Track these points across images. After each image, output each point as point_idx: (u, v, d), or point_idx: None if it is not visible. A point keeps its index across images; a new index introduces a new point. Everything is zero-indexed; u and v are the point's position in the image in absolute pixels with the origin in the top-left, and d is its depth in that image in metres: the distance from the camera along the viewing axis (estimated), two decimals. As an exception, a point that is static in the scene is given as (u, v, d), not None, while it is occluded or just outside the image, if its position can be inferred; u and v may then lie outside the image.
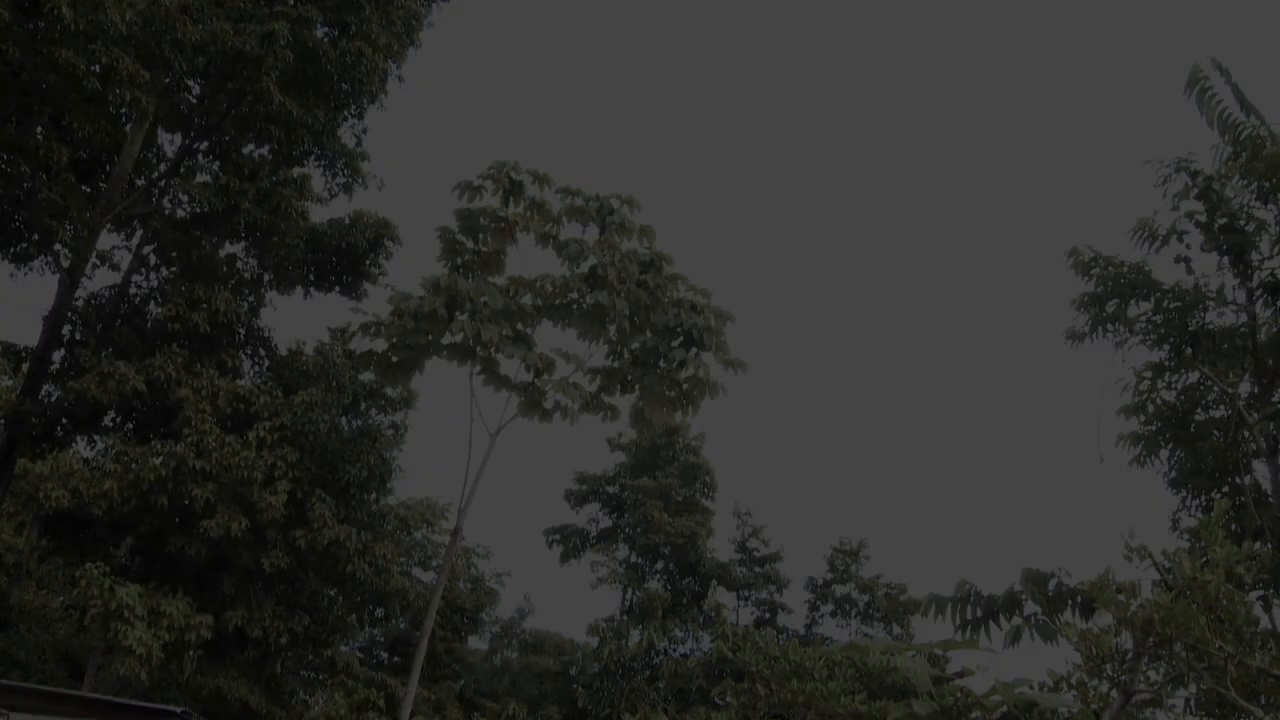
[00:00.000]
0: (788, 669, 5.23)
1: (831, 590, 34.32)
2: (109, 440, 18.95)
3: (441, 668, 32.00)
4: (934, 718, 5.37)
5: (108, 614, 15.65)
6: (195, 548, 17.83)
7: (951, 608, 8.24)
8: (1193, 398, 11.91)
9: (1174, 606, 4.01)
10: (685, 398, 17.92)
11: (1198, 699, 5.16)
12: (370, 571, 18.95)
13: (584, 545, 35.03)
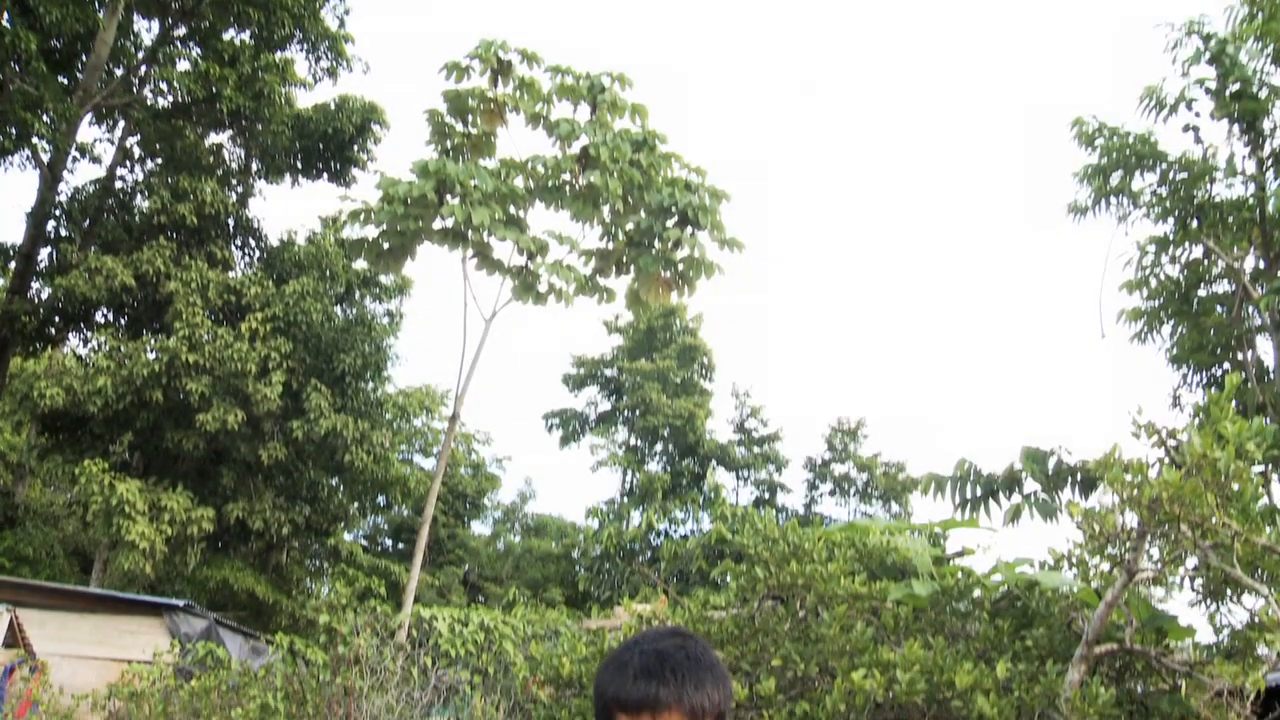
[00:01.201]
0: (786, 551, 5.13)
1: (830, 469, 34.60)
2: (101, 337, 18.79)
3: (445, 553, 32.42)
4: (935, 598, 5.29)
5: (109, 510, 15.73)
6: (193, 442, 17.82)
7: (950, 486, 8.18)
8: (1196, 273, 11.71)
9: (1183, 484, 3.89)
10: (681, 278, 17.67)
11: (1201, 577, 5.09)
12: (369, 460, 18.98)
13: (583, 429, 35.21)
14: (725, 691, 1.80)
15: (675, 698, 1.73)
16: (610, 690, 1.79)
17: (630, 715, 1.74)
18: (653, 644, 1.82)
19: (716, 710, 1.77)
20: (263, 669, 7.62)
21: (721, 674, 1.81)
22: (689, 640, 1.85)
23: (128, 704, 7.17)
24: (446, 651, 7.48)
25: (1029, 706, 4.28)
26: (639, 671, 1.76)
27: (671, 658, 1.77)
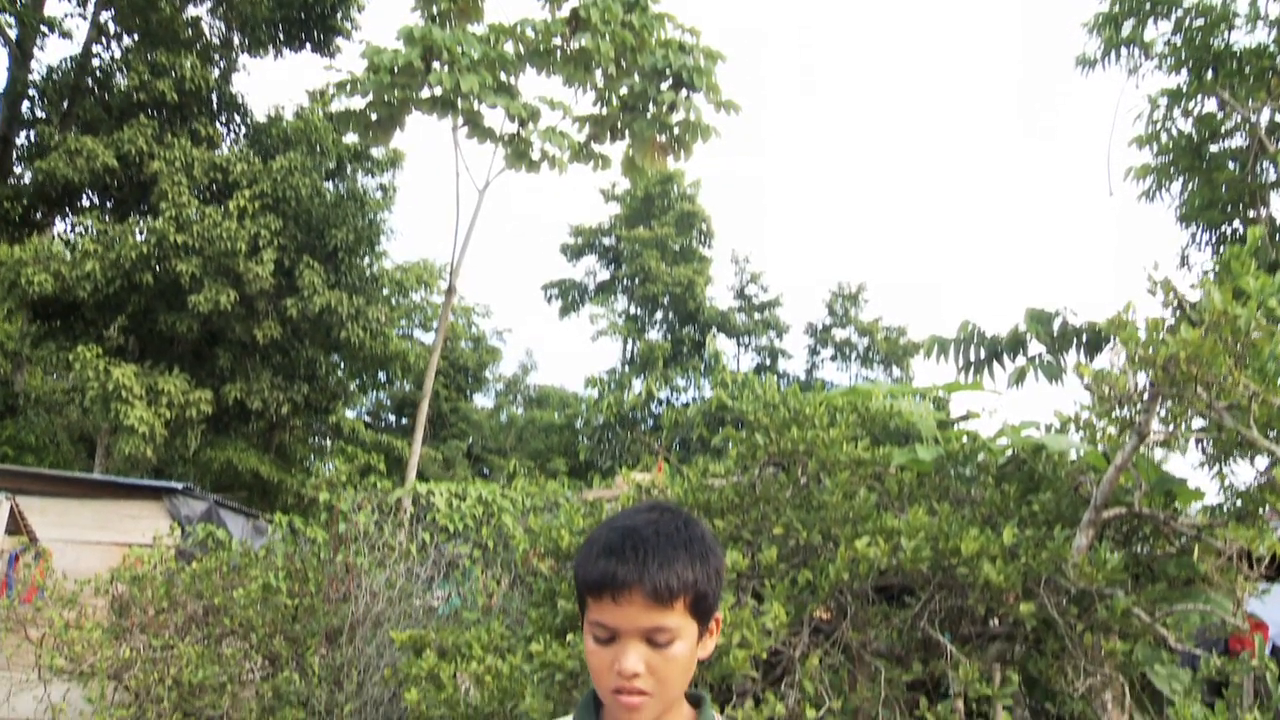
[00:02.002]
0: (787, 416, 4.98)
1: (831, 334, 34.59)
2: (87, 220, 18.45)
3: (448, 427, 32.65)
4: (939, 463, 5.18)
5: (106, 395, 15.67)
6: (186, 324, 17.65)
7: (953, 349, 8.02)
8: (1210, 126, 11.29)
9: (1202, 343, 3.71)
10: (677, 142, 17.25)
11: (1211, 439, 4.97)
12: (366, 336, 18.85)
13: (582, 298, 35.11)
14: (707, 569, 1.60)
15: (635, 576, 1.54)
16: (579, 571, 1.61)
17: (594, 597, 1.57)
18: (625, 520, 1.63)
19: (693, 589, 1.56)
20: (263, 549, 7.60)
21: (703, 550, 1.60)
22: (666, 514, 1.64)
23: (130, 588, 7.17)
24: (445, 526, 7.44)
25: (1035, 572, 4.20)
26: (602, 550, 1.58)
27: (638, 534, 1.58)
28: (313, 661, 6.39)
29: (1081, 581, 4.17)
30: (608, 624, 1.56)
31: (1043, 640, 4.46)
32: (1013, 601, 4.26)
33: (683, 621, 1.57)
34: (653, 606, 1.53)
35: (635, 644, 1.55)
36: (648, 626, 1.54)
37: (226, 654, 6.74)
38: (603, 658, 1.57)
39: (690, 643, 1.60)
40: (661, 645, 1.56)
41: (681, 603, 1.56)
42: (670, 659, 1.56)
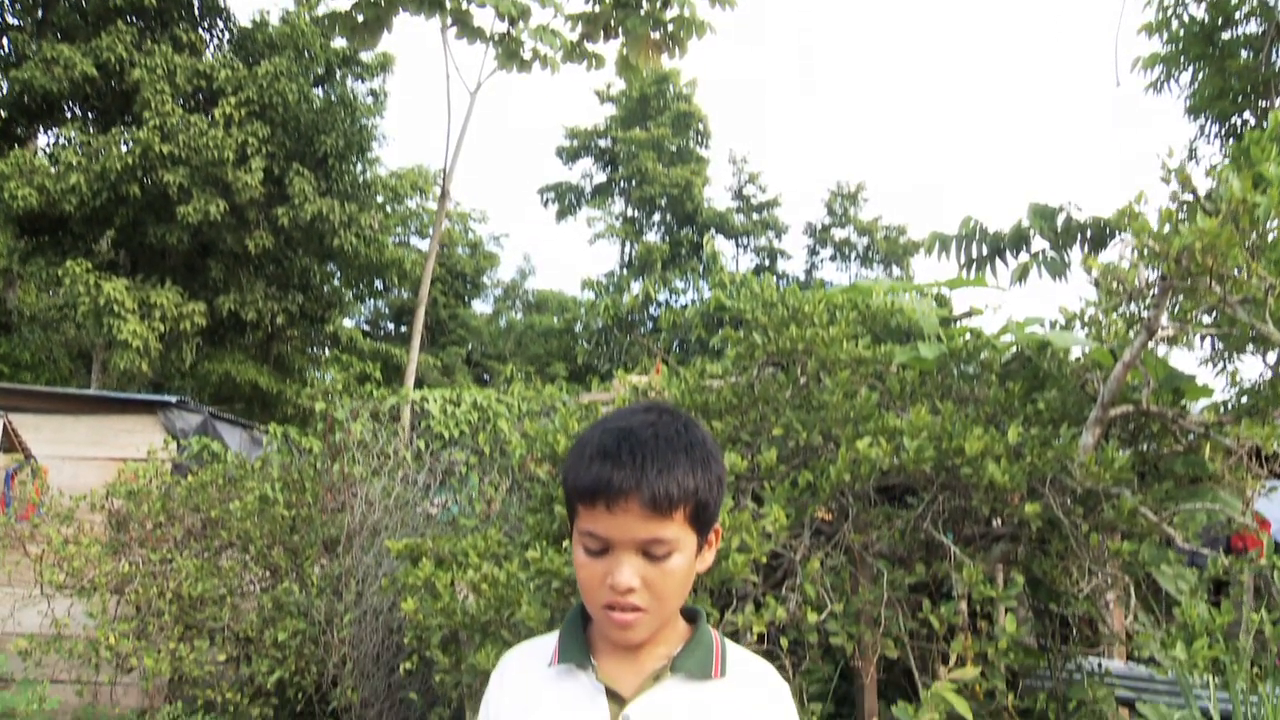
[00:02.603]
0: (785, 315, 4.84)
1: (830, 234, 34.32)
2: (69, 132, 18.05)
3: (447, 334, 32.55)
4: (942, 361, 5.06)
5: (98, 310, 15.48)
6: (176, 236, 17.39)
7: (955, 245, 7.85)
8: (1223, 11, 10.88)
9: (1219, 233, 3.55)
10: (671, 39, 16.71)
11: (1223, 335, 4.85)
12: (359, 243, 18.60)
13: (579, 201, 34.74)
14: (709, 476, 1.46)
15: (632, 483, 1.39)
16: (569, 477, 1.47)
17: (587, 504, 1.43)
18: (620, 421, 1.48)
19: (693, 498, 1.43)
20: (259, 460, 7.53)
21: (705, 456, 1.46)
22: (665, 415, 1.49)
23: (126, 503, 7.12)
24: (440, 433, 7.35)
25: (1040, 472, 4.11)
26: (596, 453, 1.43)
27: (635, 436, 1.43)
28: (311, 572, 6.37)
29: (1088, 481, 4.08)
30: (600, 534, 1.43)
31: (1047, 541, 4.39)
32: (1017, 502, 4.18)
33: (681, 533, 1.45)
34: (650, 516, 1.40)
35: (630, 556, 1.43)
36: (644, 538, 1.42)
37: (225, 566, 6.71)
38: (594, 571, 1.45)
39: (689, 555, 1.48)
40: (658, 558, 1.43)
41: (681, 512, 1.43)
42: (668, 573, 1.45)
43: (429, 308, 29.37)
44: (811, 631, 3.99)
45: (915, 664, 4.11)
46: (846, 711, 4.96)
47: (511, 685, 1.60)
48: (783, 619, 3.87)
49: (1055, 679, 4.67)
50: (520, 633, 4.09)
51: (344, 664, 6.02)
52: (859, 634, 4.10)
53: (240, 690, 6.27)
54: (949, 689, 3.47)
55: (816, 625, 3.96)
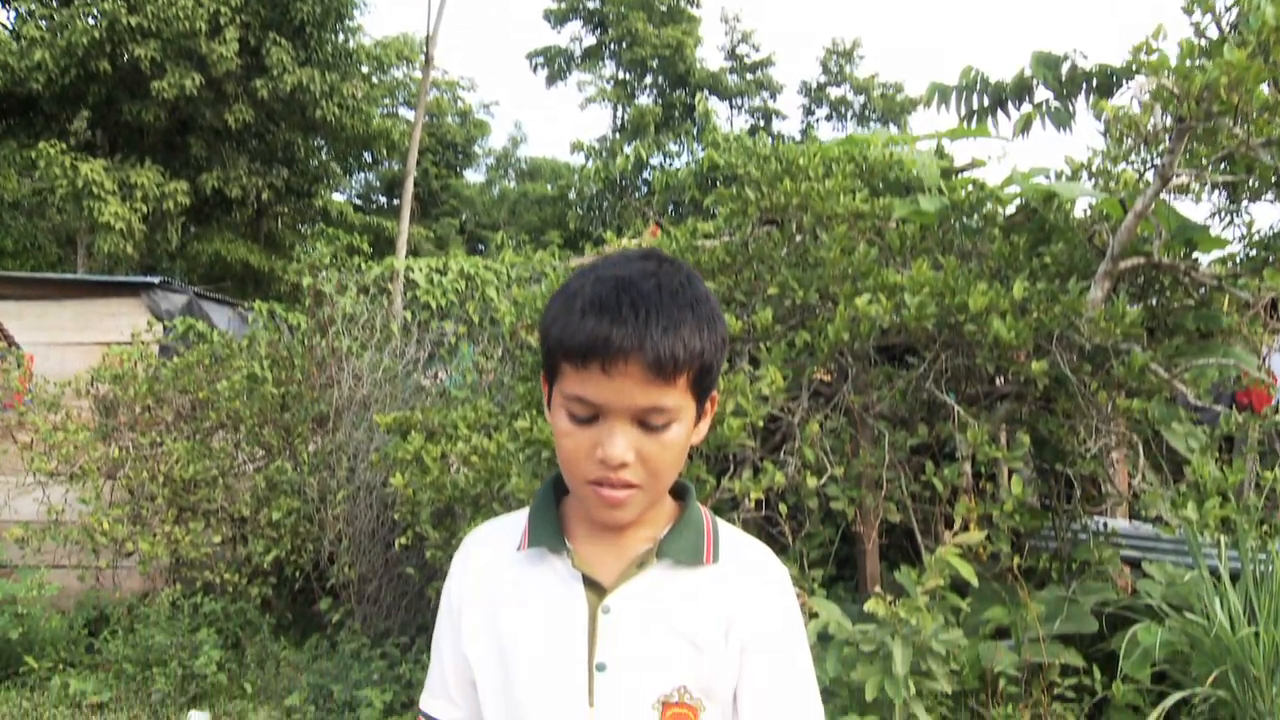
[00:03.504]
0: (779, 169, 4.62)
1: (825, 93, 33.54)
2: (28, 4, 17.29)
3: (440, 205, 32.12)
4: (944, 214, 4.84)
5: (77, 193, 15.04)
6: (153, 113, 16.80)
7: (955, 97, 7.52)
8: None
9: (1247, 66, 3.30)
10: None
11: (1242, 184, 4.63)
12: (343, 114, 18.04)
13: (569, 66, 33.81)
14: (714, 337, 1.24)
15: (635, 341, 1.17)
16: (554, 331, 1.24)
17: (577, 365, 1.20)
18: (614, 269, 1.25)
19: (699, 361, 1.22)
20: (246, 338, 7.37)
21: (709, 313, 1.25)
22: (666, 265, 1.27)
23: (113, 387, 6.99)
24: (427, 303, 7.16)
25: (1047, 328, 3.94)
26: (589, 305, 1.20)
27: (635, 287, 1.21)
28: (303, 450, 6.28)
29: (1096, 336, 3.92)
30: (591, 400, 1.21)
31: (1053, 400, 4.26)
32: (1023, 359, 4.03)
33: (683, 400, 1.23)
34: (652, 381, 1.19)
35: (624, 426, 1.22)
36: (643, 406, 1.21)
37: (216, 448, 6.63)
38: (580, 441, 1.24)
39: (687, 425, 1.27)
40: (656, 428, 1.23)
41: (685, 377, 1.22)
42: (665, 445, 1.24)
43: (420, 179, 28.88)
44: (811, 496, 3.88)
45: (918, 527, 4.02)
46: (848, 575, 4.92)
47: (475, 573, 1.42)
48: (781, 484, 3.76)
49: (1060, 540, 4.60)
50: (511, 505, 3.99)
51: (340, 541, 5.98)
52: (860, 498, 3.99)
53: (238, 571, 6.24)
54: (953, 553, 3.38)
55: (816, 490, 3.85)
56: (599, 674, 1.30)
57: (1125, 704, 3.72)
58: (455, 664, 1.42)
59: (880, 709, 3.34)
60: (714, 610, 1.33)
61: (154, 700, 5.74)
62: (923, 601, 3.30)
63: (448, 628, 1.44)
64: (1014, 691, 3.70)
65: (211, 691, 5.77)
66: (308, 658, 5.87)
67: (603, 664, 1.30)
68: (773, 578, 1.39)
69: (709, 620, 1.32)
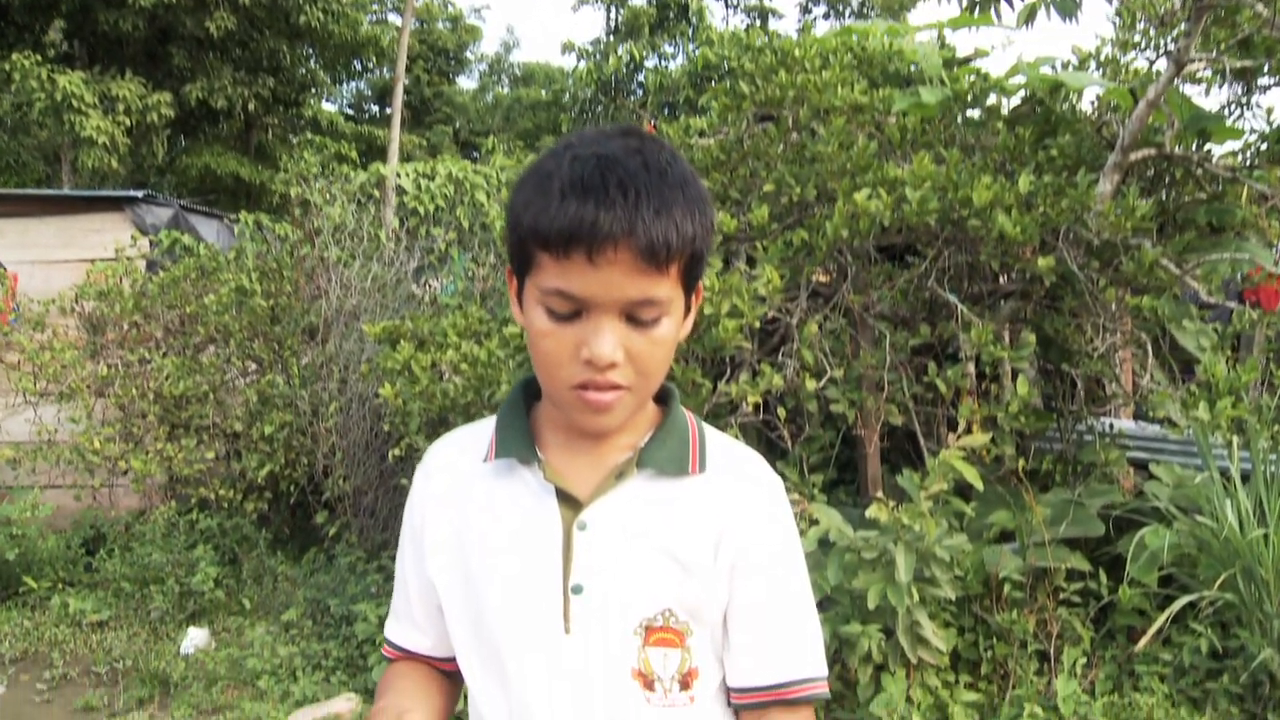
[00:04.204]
0: (774, 61, 4.41)
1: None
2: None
3: (433, 113, 31.61)
4: (946, 105, 4.65)
5: (56, 106, 14.60)
6: (131, 22, 16.24)
7: (958, -14, 7.24)
8: None
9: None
10: None
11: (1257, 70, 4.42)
12: (328, 20, 17.52)
13: (560, -32, 32.97)
14: (704, 221, 1.11)
15: (625, 226, 1.03)
16: (526, 217, 1.08)
17: (557, 254, 1.05)
18: (592, 147, 1.09)
19: (690, 247, 1.08)
20: (233, 250, 7.21)
21: (698, 195, 1.11)
22: (649, 142, 1.11)
23: (98, 304, 6.85)
24: (415, 209, 6.96)
25: (1054, 222, 3.80)
26: (569, 186, 1.05)
27: (621, 165, 1.06)
28: (293, 362, 6.16)
29: (1105, 231, 3.77)
30: (575, 294, 1.07)
31: (1059, 298, 4.13)
32: (1028, 256, 3.89)
33: (674, 292, 1.11)
34: (643, 270, 1.05)
35: (612, 321, 1.08)
36: (634, 298, 1.07)
37: (206, 363, 6.51)
38: (562, 341, 1.10)
39: (677, 320, 1.14)
40: (646, 324, 1.10)
41: (676, 266, 1.08)
42: (656, 342, 1.11)
43: (412, 86, 28.33)
44: (810, 399, 3.77)
45: (920, 430, 3.92)
46: (849, 480, 4.84)
47: (438, 488, 1.29)
48: (780, 387, 3.64)
49: (1065, 442, 4.50)
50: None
51: (334, 454, 5.90)
52: (860, 400, 3.88)
53: (233, 487, 6.18)
54: (957, 456, 3.27)
55: (816, 392, 3.74)
56: (575, 597, 1.17)
57: (1131, 608, 3.66)
58: (420, 588, 1.31)
59: (883, 617, 3.27)
60: (701, 524, 1.20)
61: (153, 618, 5.72)
62: (926, 506, 3.21)
63: (410, 549, 1.31)
64: (1018, 596, 3.64)
65: (210, 608, 5.74)
66: (305, 572, 5.84)
67: (579, 586, 1.17)
68: (765, 487, 1.26)
69: (696, 535, 1.20)
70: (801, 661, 1.24)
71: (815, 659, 1.26)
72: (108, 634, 5.58)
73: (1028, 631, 3.54)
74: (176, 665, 5.00)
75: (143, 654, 5.19)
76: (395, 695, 1.28)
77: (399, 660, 1.37)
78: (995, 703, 3.45)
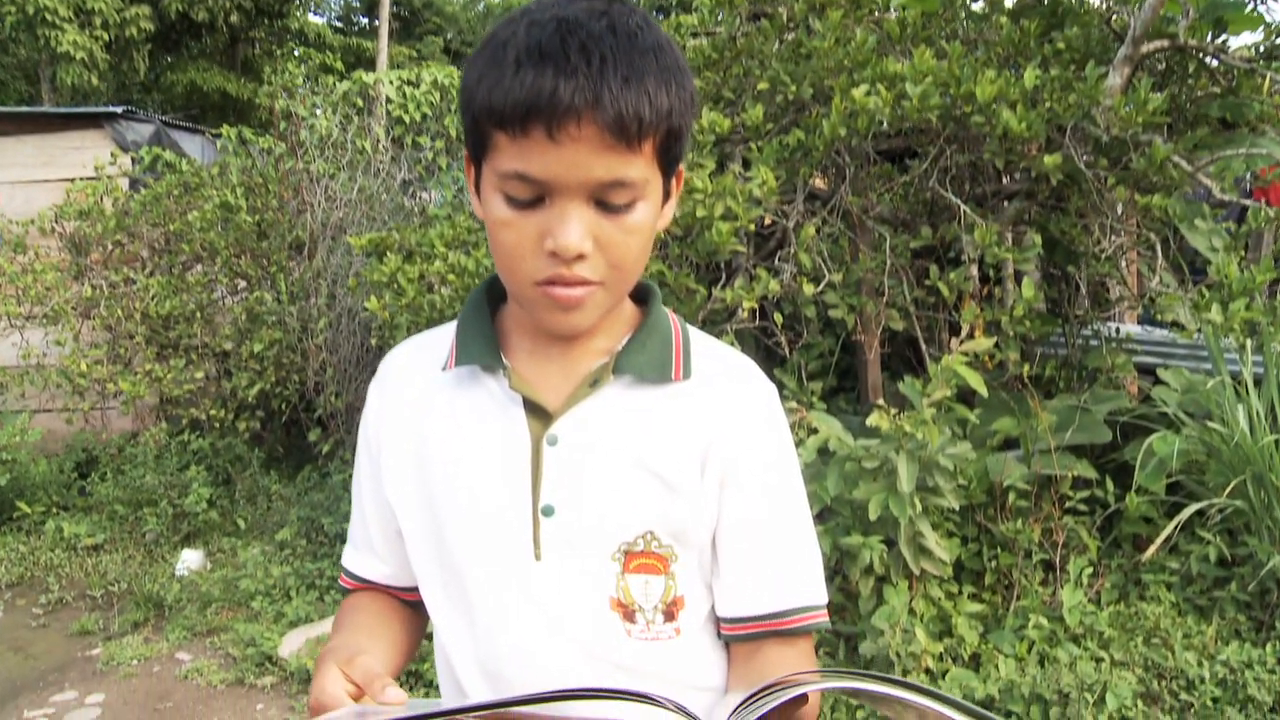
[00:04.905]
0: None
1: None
2: None
3: (422, 23, 30.96)
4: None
5: (29, 20, 14.17)
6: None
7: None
8: None
9: None
10: None
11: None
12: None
13: None
14: (683, 94, 0.96)
15: (589, 96, 0.89)
16: (480, 93, 0.94)
17: (513, 132, 0.91)
18: (552, 10, 0.94)
19: (666, 122, 0.94)
20: (215, 165, 7.03)
21: (674, 63, 0.96)
22: (617, 5, 0.96)
23: (79, 224, 6.69)
24: (400, 118, 6.75)
25: (1061, 118, 3.63)
26: (525, 54, 0.91)
27: (583, 28, 0.91)
28: (280, 279, 6.03)
29: (1115, 127, 3.60)
30: (535, 176, 0.92)
31: (1066, 197, 3.98)
32: (1034, 153, 3.73)
33: (649, 172, 0.96)
34: (612, 147, 0.91)
35: (579, 207, 0.94)
36: (602, 180, 0.93)
37: (191, 281, 6.38)
38: (523, 232, 0.96)
39: (655, 205, 0.99)
40: (617, 209, 0.96)
41: (650, 142, 0.94)
42: (630, 230, 0.97)
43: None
44: (808, 304, 3.65)
45: (921, 335, 3.80)
46: (849, 386, 4.75)
47: (393, 401, 1.16)
48: (776, 292, 3.52)
49: (1070, 346, 4.39)
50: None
51: (325, 370, 5.80)
52: (860, 305, 3.76)
53: (224, 406, 6.09)
54: (960, 361, 3.16)
55: (814, 297, 3.61)
56: (545, 519, 1.05)
57: (1138, 516, 3.58)
58: (378, 512, 1.18)
59: (884, 528, 3.19)
60: (686, 436, 1.07)
61: (148, 540, 5.68)
62: (929, 413, 3.10)
63: (366, 469, 1.19)
64: (1023, 505, 3.56)
65: (205, 529, 5.70)
66: (299, 491, 5.78)
67: (549, 507, 1.05)
68: (758, 393, 1.12)
69: (680, 448, 1.07)
70: (799, 587, 1.11)
71: (814, 584, 1.13)
72: (103, 557, 5.54)
73: (1033, 541, 3.47)
74: (171, 588, 4.96)
75: (138, 577, 5.16)
76: (350, 632, 1.15)
77: (357, 591, 1.24)
78: (999, 614, 3.39)
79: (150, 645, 4.47)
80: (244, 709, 3.88)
